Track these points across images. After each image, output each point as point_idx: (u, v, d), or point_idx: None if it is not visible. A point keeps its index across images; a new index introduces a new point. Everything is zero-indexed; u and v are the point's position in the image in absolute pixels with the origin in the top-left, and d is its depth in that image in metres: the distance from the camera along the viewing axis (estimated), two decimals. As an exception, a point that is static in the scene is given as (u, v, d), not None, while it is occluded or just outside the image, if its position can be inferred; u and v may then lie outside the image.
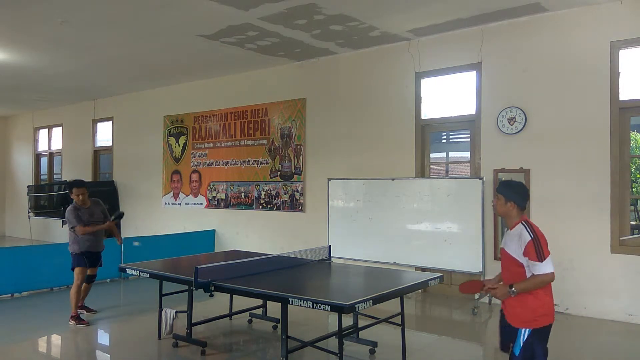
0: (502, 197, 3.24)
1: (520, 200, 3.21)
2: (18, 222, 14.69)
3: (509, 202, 3.21)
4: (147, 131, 11.39)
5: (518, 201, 3.20)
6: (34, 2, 6.10)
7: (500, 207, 3.26)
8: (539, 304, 3.10)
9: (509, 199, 3.21)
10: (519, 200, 3.20)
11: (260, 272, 4.87)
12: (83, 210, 6.19)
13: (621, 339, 5.40)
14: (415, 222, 7.00)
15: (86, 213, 6.20)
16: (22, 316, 6.34)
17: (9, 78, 10.00)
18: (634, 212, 6.55)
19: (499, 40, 6.75)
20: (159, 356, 4.97)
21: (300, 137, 8.76)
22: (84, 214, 6.16)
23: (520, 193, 3.24)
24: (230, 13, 6.42)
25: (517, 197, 3.21)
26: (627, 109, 5.98)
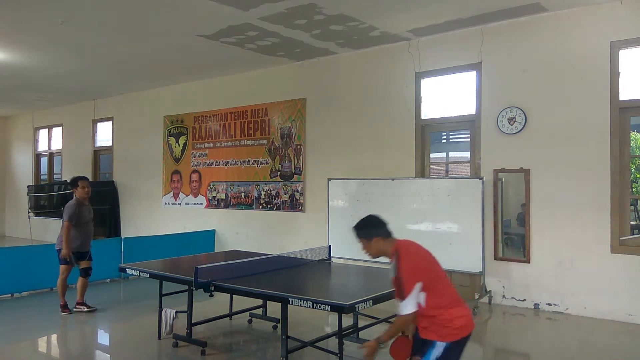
0: (364, 240, 3.09)
1: (378, 231, 3.07)
2: (18, 222, 14.69)
3: (372, 240, 3.06)
4: (147, 131, 11.39)
5: (378, 233, 3.06)
6: (34, 2, 6.10)
7: (370, 249, 3.09)
8: (452, 315, 2.90)
9: (369, 237, 3.07)
10: (378, 232, 3.06)
11: (260, 272, 4.88)
12: (84, 208, 6.29)
13: (621, 339, 5.40)
14: (415, 222, 7.00)
15: (86, 211, 6.31)
16: (22, 316, 6.34)
17: (9, 78, 10.00)
18: (634, 212, 6.55)
19: (499, 40, 6.75)
20: (159, 356, 4.97)
21: (300, 137, 8.76)
22: (84, 211, 6.27)
23: (374, 224, 3.10)
24: (230, 13, 6.42)
25: (375, 230, 3.07)
26: (627, 109, 5.98)
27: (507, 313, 6.33)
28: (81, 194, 6.28)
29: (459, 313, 2.92)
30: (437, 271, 3.05)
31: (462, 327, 2.90)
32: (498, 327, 6.02)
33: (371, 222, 3.14)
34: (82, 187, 6.26)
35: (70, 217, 6.14)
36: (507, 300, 6.63)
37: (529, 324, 5.93)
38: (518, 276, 6.55)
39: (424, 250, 3.11)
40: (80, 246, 6.29)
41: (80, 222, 6.25)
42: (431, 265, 3.05)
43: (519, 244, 6.63)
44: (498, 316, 6.26)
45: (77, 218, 6.19)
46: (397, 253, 3.00)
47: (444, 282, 3.04)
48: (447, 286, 3.04)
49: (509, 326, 5.95)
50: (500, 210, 6.71)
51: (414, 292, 2.86)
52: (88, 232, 6.39)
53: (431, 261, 3.08)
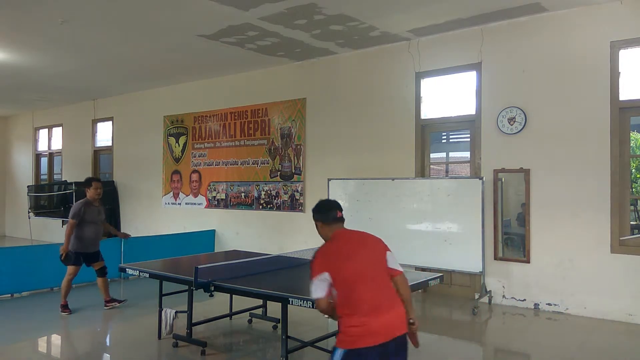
0: (314, 221, 3.13)
1: (319, 215, 3.08)
2: (18, 222, 14.68)
3: (317, 223, 3.11)
4: (147, 131, 11.39)
5: (318, 217, 3.08)
6: (34, 2, 6.11)
7: (318, 232, 3.13)
8: (346, 324, 2.77)
9: (315, 220, 3.11)
10: (319, 217, 3.08)
11: (260, 272, 4.88)
12: (93, 208, 6.35)
13: (621, 339, 5.40)
14: (415, 222, 7.00)
15: (95, 211, 6.39)
16: (22, 316, 6.34)
17: (9, 78, 10.00)
18: (634, 212, 6.55)
19: (499, 40, 6.75)
20: (159, 356, 4.97)
21: (300, 137, 8.76)
22: (92, 211, 6.34)
23: (318, 208, 3.10)
24: (230, 13, 6.42)
25: (317, 214, 3.09)
26: (627, 109, 5.98)
27: (507, 313, 6.33)
28: (92, 194, 6.37)
29: (356, 322, 2.73)
30: (351, 273, 2.82)
31: (356, 336, 2.71)
32: (498, 327, 6.02)
33: (317, 206, 3.16)
34: (94, 188, 6.36)
35: (74, 215, 6.21)
36: (507, 300, 6.63)
37: (529, 324, 5.93)
38: (518, 276, 6.55)
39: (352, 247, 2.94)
40: (87, 246, 6.32)
41: (86, 222, 6.28)
42: (345, 263, 2.85)
43: (519, 244, 6.63)
44: (498, 316, 6.26)
45: (82, 217, 6.24)
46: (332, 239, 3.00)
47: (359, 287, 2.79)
48: (363, 290, 2.79)
49: (509, 326, 5.95)
50: (500, 210, 6.71)
51: (317, 279, 2.83)
52: (96, 232, 6.43)
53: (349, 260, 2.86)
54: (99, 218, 6.48)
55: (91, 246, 6.39)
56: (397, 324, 2.83)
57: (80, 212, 6.23)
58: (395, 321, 2.82)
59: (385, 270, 2.94)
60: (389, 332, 2.77)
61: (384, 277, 2.92)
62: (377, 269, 2.91)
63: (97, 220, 6.45)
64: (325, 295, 2.83)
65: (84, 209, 6.26)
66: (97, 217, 6.43)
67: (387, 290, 2.89)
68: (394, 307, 2.84)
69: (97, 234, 6.47)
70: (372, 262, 2.91)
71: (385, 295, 2.86)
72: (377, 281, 2.87)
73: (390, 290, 2.91)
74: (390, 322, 2.79)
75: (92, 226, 6.38)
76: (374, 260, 2.92)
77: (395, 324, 2.81)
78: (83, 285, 7.95)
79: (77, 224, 6.23)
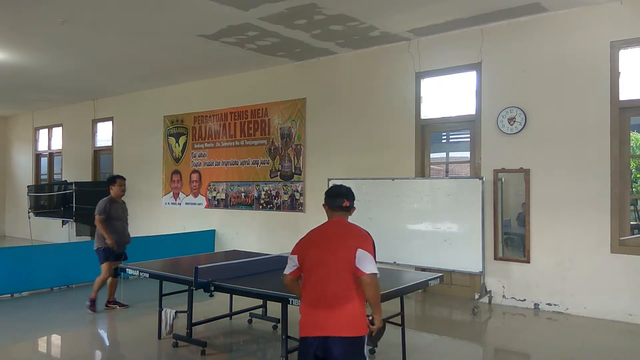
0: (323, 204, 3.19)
1: (328, 200, 3.13)
2: (18, 222, 14.68)
3: (324, 206, 3.17)
4: (147, 131, 11.39)
5: (327, 202, 3.14)
6: (34, 2, 6.11)
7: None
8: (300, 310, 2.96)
9: (324, 202, 3.17)
10: (327, 201, 3.14)
11: (260, 272, 4.87)
12: (117, 205, 6.41)
13: (621, 339, 5.40)
14: (415, 222, 7.00)
15: (120, 208, 6.45)
16: (22, 316, 6.33)
17: (9, 78, 10.00)
18: (634, 212, 6.55)
19: (499, 40, 6.75)
20: (159, 356, 4.97)
21: (300, 137, 8.76)
22: (117, 208, 6.40)
23: (328, 193, 3.17)
24: (230, 13, 6.42)
25: (326, 199, 3.14)
26: (627, 109, 5.98)
27: (507, 313, 6.33)
28: (117, 191, 6.43)
29: (302, 310, 2.93)
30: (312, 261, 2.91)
31: (301, 324, 2.89)
32: (498, 327, 6.02)
33: (330, 189, 3.23)
34: (119, 185, 6.43)
35: (100, 211, 6.26)
36: (507, 300, 6.63)
37: (529, 324, 5.93)
38: (518, 276, 6.55)
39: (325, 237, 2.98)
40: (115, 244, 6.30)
41: (111, 218, 6.31)
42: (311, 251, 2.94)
43: (519, 244, 6.63)
44: (498, 316, 6.26)
45: (109, 214, 6.27)
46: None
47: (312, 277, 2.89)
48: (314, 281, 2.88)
49: (509, 326, 5.95)
50: (500, 210, 6.71)
51: (289, 258, 3.05)
52: (122, 229, 6.45)
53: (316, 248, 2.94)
54: (124, 215, 6.52)
55: (118, 242, 6.34)
56: (329, 324, 2.78)
57: (106, 209, 6.27)
58: (329, 321, 2.78)
59: (348, 268, 2.83)
60: (318, 328, 2.80)
61: (342, 274, 2.83)
62: (338, 265, 2.85)
63: (122, 217, 6.48)
64: (289, 273, 3.04)
65: (109, 205, 6.31)
66: (122, 214, 6.47)
67: (337, 287, 2.82)
68: (335, 306, 2.79)
69: (123, 231, 6.48)
70: (336, 256, 2.86)
71: (331, 291, 2.82)
72: (332, 276, 2.83)
73: (343, 289, 2.82)
74: (322, 320, 2.79)
75: (118, 223, 6.40)
76: (339, 255, 2.86)
77: (326, 324, 2.78)
78: (83, 285, 7.95)
79: (104, 221, 6.26)
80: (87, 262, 7.93)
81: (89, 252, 8.12)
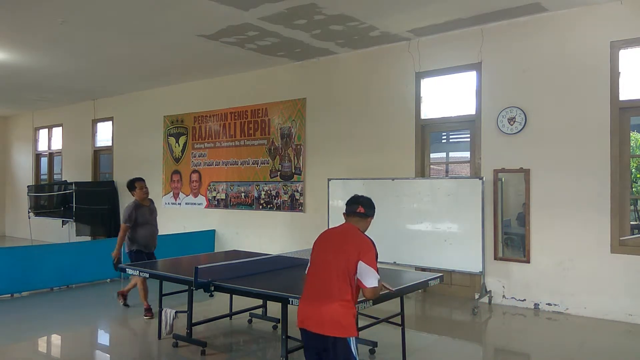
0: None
1: (346, 207, 3.31)
2: (18, 222, 14.68)
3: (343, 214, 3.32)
4: (147, 131, 11.39)
5: (345, 209, 3.31)
6: (34, 2, 6.10)
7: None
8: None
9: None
10: (346, 208, 3.31)
11: (260, 272, 4.87)
12: (144, 209, 6.23)
13: (621, 339, 5.40)
14: (415, 222, 7.00)
15: (147, 211, 6.25)
16: (22, 316, 6.34)
17: (9, 78, 10.00)
18: (634, 212, 6.55)
19: (499, 40, 6.75)
20: (159, 356, 4.97)
21: (300, 137, 8.76)
22: (144, 212, 6.20)
23: (348, 201, 3.33)
24: (230, 13, 6.42)
25: (346, 206, 3.32)
26: (627, 109, 5.98)
27: (507, 313, 6.33)
28: (140, 195, 6.24)
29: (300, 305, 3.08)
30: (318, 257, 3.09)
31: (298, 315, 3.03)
32: (498, 327, 6.02)
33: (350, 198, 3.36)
34: (139, 188, 6.23)
35: (126, 220, 6.09)
36: (507, 300, 6.63)
37: (529, 324, 5.93)
38: (518, 276, 6.55)
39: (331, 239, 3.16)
40: (147, 246, 6.20)
41: (138, 224, 6.15)
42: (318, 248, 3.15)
43: (519, 244, 6.63)
44: (498, 316, 6.26)
45: (135, 219, 6.12)
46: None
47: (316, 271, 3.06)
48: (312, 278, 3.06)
49: (509, 326, 5.95)
50: (500, 210, 6.71)
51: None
52: (150, 232, 6.26)
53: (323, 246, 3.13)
54: (152, 217, 6.30)
55: (146, 246, 6.22)
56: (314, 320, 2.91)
57: (132, 216, 6.08)
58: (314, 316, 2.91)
59: (344, 273, 2.94)
60: (305, 322, 2.96)
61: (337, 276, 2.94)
62: (336, 266, 2.96)
63: (150, 220, 6.27)
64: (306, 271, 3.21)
65: (134, 212, 6.11)
66: (150, 217, 6.26)
67: (330, 287, 2.93)
68: (323, 304, 2.90)
69: (152, 234, 6.29)
70: (336, 258, 2.98)
71: (324, 289, 2.94)
72: (327, 275, 2.96)
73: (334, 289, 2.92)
74: (310, 314, 2.94)
75: (146, 227, 6.21)
76: (339, 258, 2.98)
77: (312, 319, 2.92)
78: (83, 285, 7.96)
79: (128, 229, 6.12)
80: (87, 262, 7.98)
81: (89, 252, 8.20)
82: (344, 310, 2.90)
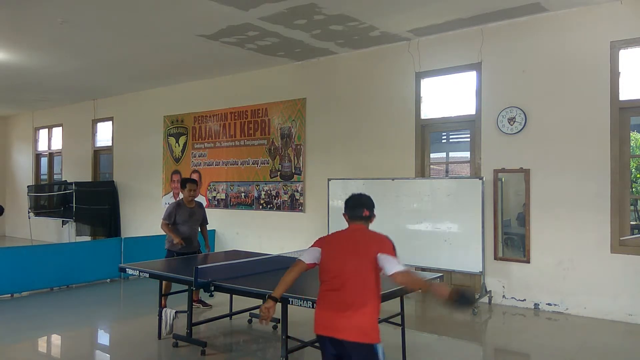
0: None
1: (347, 211, 3.18)
2: (18, 222, 14.68)
3: (344, 215, 3.22)
4: (147, 131, 11.39)
5: (347, 212, 3.19)
6: (34, 2, 6.10)
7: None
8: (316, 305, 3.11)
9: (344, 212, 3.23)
10: (347, 211, 3.19)
11: (260, 272, 4.87)
12: (184, 209, 6.25)
13: (621, 339, 5.40)
14: (415, 222, 7.00)
15: (186, 212, 6.25)
16: (22, 316, 6.34)
17: (9, 78, 10.00)
18: (634, 212, 6.55)
19: (499, 40, 6.75)
20: (159, 356, 4.97)
21: (300, 137, 8.76)
22: (183, 212, 6.22)
23: (348, 204, 3.21)
24: (230, 13, 6.42)
25: (346, 209, 3.20)
26: (627, 109, 5.98)
27: (507, 313, 6.33)
28: (185, 195, 6.29)
29: (317, 308, 3.03)
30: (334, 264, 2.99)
31: (315, 321, 2.99)
32: (498, 327, 6.02)
33: (349, 199, 3.23)
34: (188, 190, 6.25)
35: (165, 217, 6.17)
36: (507, 300, 6.63)
37: (529, 324, 5.93)
38: (518, 276, 6.55)
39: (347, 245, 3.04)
40: (184, 247, 6.17)
41: (176, 224, 6.16)
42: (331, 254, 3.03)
43: (519, 244, 6.63)
44: (498, 316, 6.26)
45: (173, 219, 6.14)
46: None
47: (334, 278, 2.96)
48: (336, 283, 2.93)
49: (509, 326, 5.95)
50: (500, 210, 6.71)
51: (310, 248, 3.13)
52: (187, 234, 6.23)
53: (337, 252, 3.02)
54: (192, 219, 6.30)
55: (187, 246, 6.20)
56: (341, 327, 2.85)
57: (171, 214, 6.13)
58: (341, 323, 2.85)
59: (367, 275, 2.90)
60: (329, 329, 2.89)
61: (360, 281, 2.90)
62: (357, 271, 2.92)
63: (189, 221, 6.26)
64: (307, 262, 3.11)
65: (174, 210, 6.16)
66: (189, 219, 6.25)
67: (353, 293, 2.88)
68: (348, 311, 2.85)
69: (190, 235, 6.27)
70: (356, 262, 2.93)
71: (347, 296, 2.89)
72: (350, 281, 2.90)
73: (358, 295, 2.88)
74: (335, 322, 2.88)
75: (184, 227, 6.20)
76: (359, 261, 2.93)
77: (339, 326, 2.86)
78: (83, 285, 7.96)
79: (169, 225, 6.15)
80: (87, 262, 7.97)
81: (89, 252, 8.20)
82: (369, 317, 2.89)
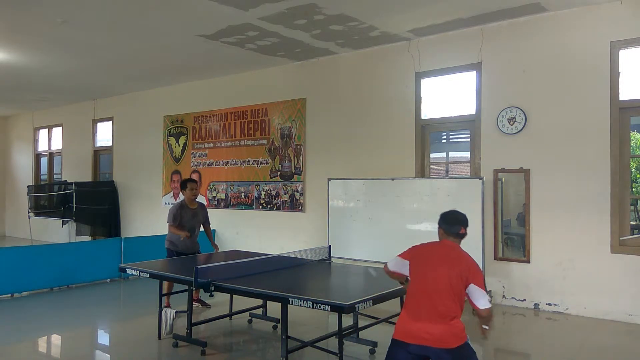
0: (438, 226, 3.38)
1: (445, 226, 3.30)
2: (18, 222, 14.68)
3: (439, 229, 3.34)
4: (147, 131, 11.39)
5: (444, 227, 3.30)
6: (34, 2, 6.10)
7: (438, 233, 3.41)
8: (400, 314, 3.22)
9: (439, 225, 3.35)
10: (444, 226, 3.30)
11: (260, 272, 4.88)
12: (187, 210, 6.24)
13: (621, 339, 5.40)
14: (415, 222, 6.99)
15: (189, 213, 6.25)
16: (22, 316, 6.34)
17: (9, 78, 10.00)
18: (634, 212, 6.55)
19: (499, 40, 6.75)
20: (159, 356, 4.97)
21: (300, 137, 8.76)
22: (186, 213, 6.22)
23: (446, 219, 3.33)
24: (230, 13, 6.42)
25: (444, 225, 3.30)
26: (627, 109, 5.98)
27: (507, 313, 6.33)
28: (187, 195, 6.28)
29: (402, 315, 3.14)
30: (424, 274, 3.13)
31: (397, 328, 3.11)
32: (498, 327, 6.01)
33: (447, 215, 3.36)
34: (189, 190, 6.26)
35: (169, 220, 6.15)
36: (507, 300, 6.63)
37: (529, 324, 5.93)
38: (518, 276, 6.55)
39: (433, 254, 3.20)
40: (186, 248, 6.19)
41: (180, 225, 6.14)
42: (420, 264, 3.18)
43: (519, 244, 6.63)
44: (498, 316, 6.25)
45: (180, 220, 6.13)
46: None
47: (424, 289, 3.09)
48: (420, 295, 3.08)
49: (509, 326, 5.95)
50: (500, 210, 6.71)
51: (399, 257, 3.30)
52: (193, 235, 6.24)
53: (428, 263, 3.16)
54: (194, 220, 6.29)
55: (189, 247, 6.21)
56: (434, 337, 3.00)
57: (176, 216, 6.11)
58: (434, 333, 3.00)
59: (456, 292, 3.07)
60: (418, 338, 3.01)
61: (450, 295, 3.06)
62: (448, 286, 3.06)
63: (192, 222, 6.25)
64: (392, 268, 3.33)
65: (178, 212, 6.14)
66: (192, 220, 6.24)
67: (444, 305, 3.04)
68: (440, 322, 3.02)
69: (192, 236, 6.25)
70: (447, 278, 3.06)
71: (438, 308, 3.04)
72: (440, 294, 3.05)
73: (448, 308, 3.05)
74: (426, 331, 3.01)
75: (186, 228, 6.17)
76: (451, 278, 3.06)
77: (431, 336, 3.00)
78: (83, 285, 7.96)
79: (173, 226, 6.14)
80: (87, 262, 7.98)
81: (89, 252, 8.20)
82: (459, 325, 3.10)
